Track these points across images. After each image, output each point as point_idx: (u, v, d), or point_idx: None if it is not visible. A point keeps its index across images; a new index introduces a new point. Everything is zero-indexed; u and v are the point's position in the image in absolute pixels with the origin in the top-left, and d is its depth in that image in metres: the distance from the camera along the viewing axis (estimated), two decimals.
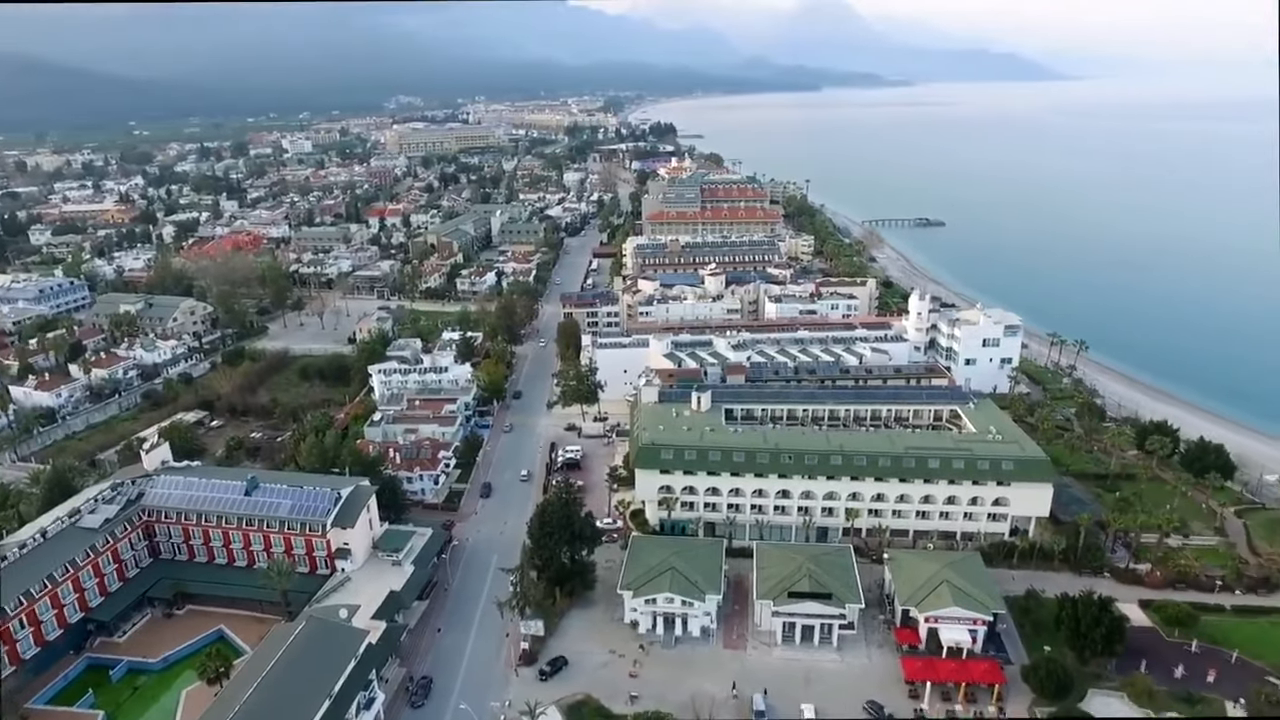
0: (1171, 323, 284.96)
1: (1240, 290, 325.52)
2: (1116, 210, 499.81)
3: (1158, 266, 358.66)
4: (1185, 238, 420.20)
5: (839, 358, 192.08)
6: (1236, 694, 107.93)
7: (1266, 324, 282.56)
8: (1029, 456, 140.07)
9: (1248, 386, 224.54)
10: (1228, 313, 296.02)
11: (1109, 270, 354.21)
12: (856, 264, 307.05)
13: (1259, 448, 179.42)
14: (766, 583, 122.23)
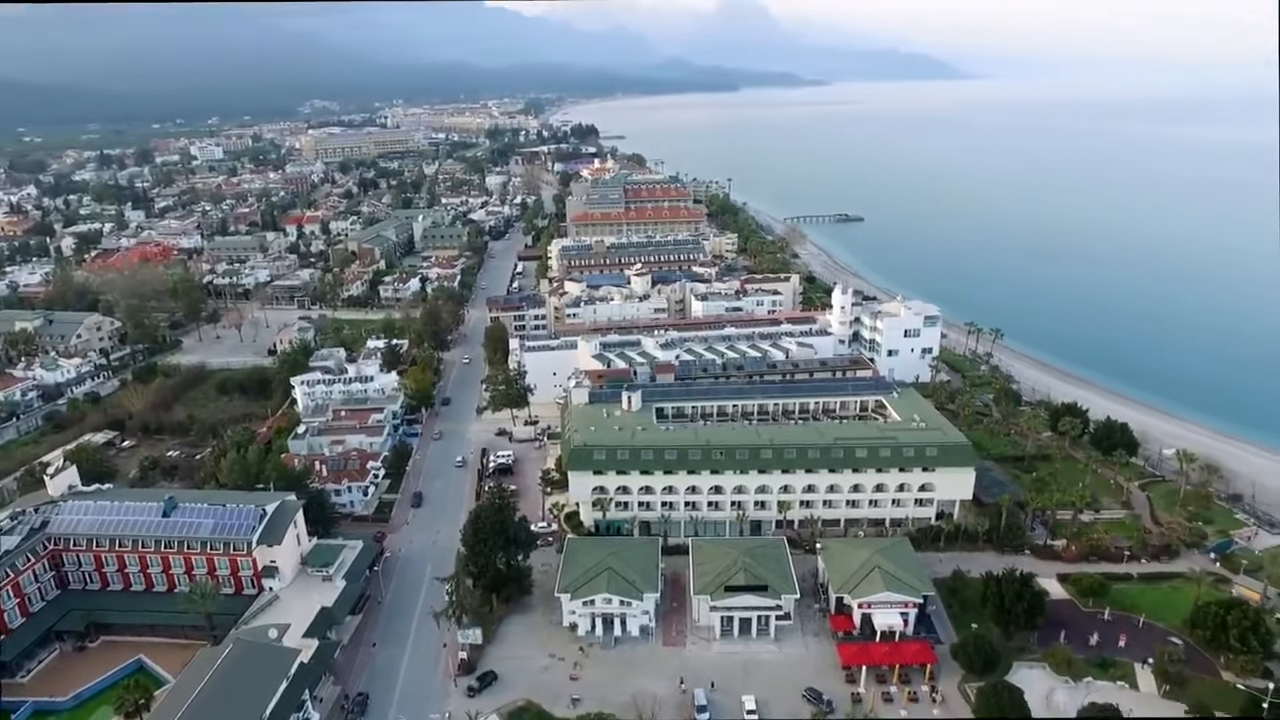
0: (1078, 310, 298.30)
1: (1139, 277, 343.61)
2: (1024, 203, 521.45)
3: (1065, 257, 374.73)
4: (1088, 229, 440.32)
5: (766, 353, 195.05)
6: (1144, 656, 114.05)
7: (1163, 308, 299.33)
8: (951, 442, 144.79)
9: (1148, 367, 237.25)
10: (1129, 299, 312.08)
11: (1019, 260, 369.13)
12: (780, 261, 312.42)
13: (1159, 424, 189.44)
14: (703, 578, 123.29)
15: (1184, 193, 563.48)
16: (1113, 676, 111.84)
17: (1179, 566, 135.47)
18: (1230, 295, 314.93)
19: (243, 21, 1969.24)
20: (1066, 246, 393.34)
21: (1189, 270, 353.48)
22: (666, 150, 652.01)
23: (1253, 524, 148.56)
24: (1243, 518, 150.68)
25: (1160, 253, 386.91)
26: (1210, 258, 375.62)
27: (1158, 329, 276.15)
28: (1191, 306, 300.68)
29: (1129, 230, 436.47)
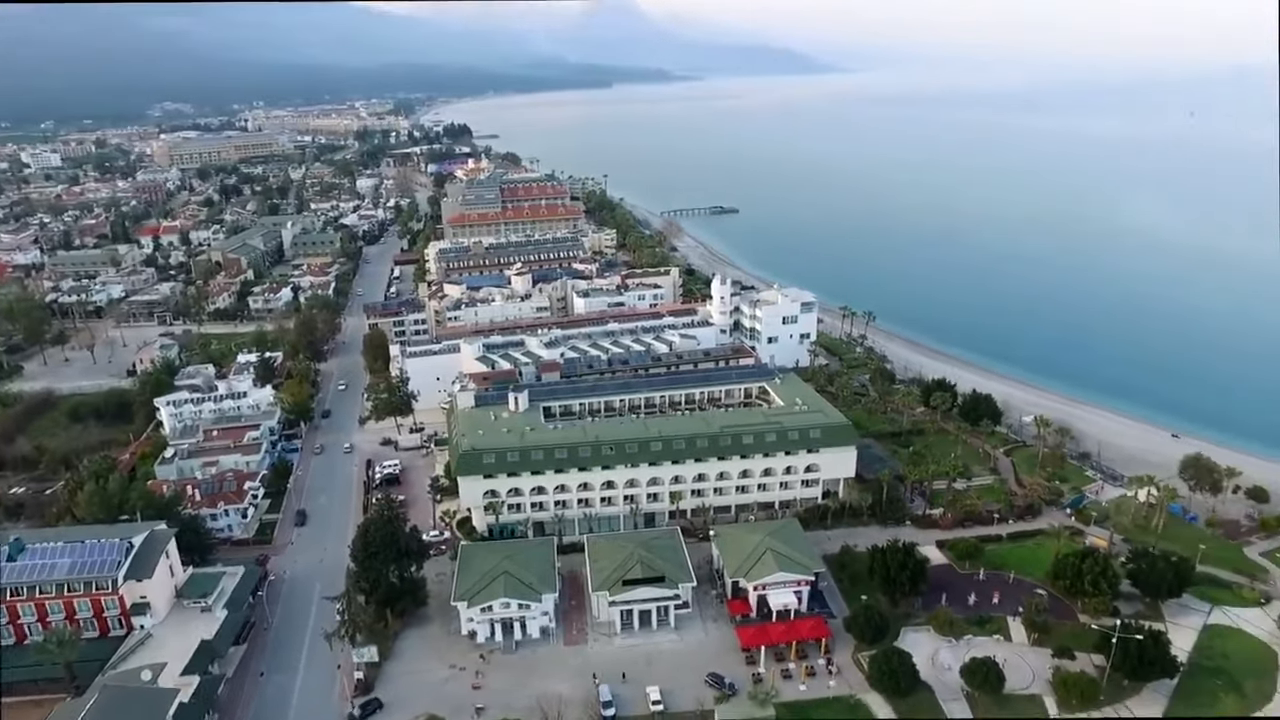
0: (942, 290, 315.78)
1: (992, 257, 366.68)
2: (887, 190, 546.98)
3: (927, 240, 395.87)
4: (947, 213, 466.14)
5: (650, 346, 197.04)
6: (1015, 609, 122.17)
7: (1014, 285, 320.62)
8: (833, 423, 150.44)
9: (1006, 341, 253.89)
10: (985, 278, 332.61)
11: (886, 245, 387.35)
12: (659, 254, 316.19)
13: (1018, 394, 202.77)
14: (600, 574, 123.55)
15: (1029, 176, 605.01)
16: (989, 631, 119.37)
17: (1041, 524, 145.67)
18: (1069, 270, 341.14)
19: (77, 16, 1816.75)
20: (928, 230, 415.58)
21: (1034, 248, 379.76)
22: (542, 148, 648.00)
23: (1099, 479, 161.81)
24: (1091, 474, 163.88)
25: (1009, 232, 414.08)
26: (1052, 235, 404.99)
27: (1011, 305, 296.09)
28: (1036, 282, 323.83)
29: (983, 212, 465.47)
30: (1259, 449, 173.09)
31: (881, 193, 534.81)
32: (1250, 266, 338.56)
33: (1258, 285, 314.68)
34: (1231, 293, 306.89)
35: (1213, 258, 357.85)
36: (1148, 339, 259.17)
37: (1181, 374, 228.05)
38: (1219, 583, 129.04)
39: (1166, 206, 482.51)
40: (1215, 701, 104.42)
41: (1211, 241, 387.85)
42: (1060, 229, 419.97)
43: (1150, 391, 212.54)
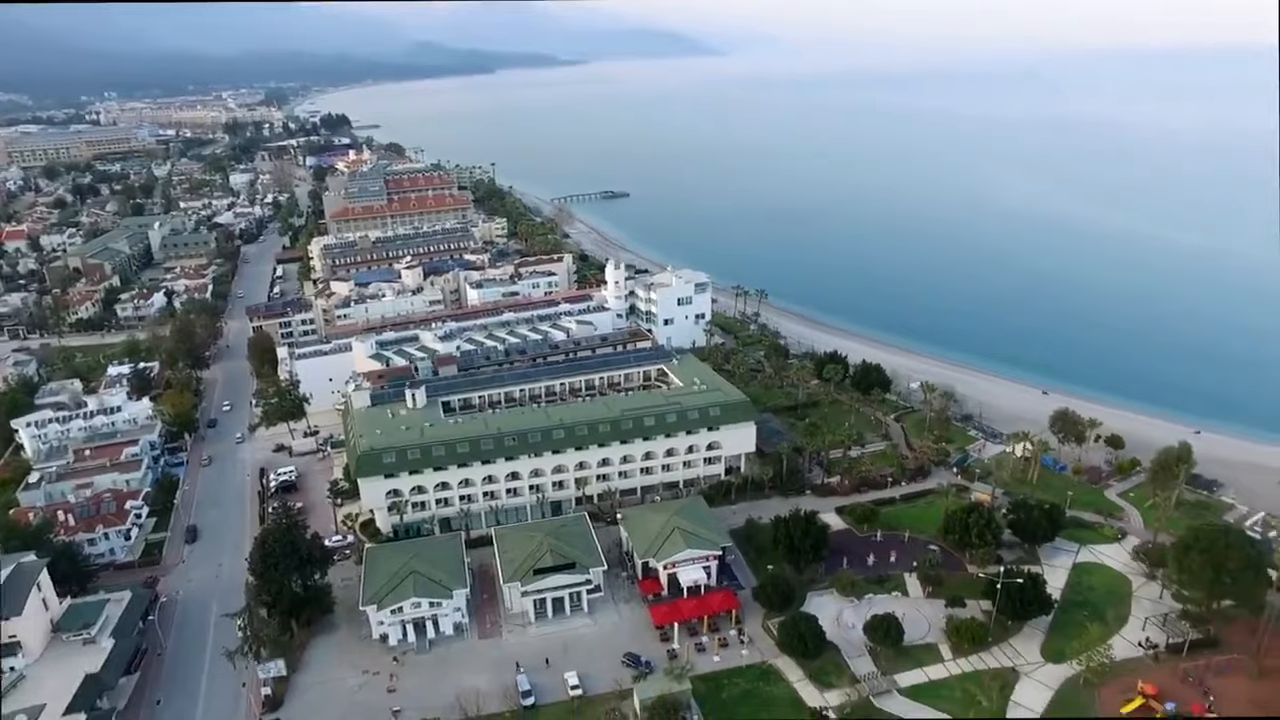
0: (830, 265, 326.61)
1: (870, 230, 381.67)
2: (772, 169, 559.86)
3: (811, 217, 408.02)
4: (829, 190, 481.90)
5: (547, 335, 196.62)
6: (910, 566, 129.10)
7: (898, 259, 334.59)
8: (732, 400, 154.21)
9: (891, 312, 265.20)
10: (869, 253, 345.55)
11: (774, 223, 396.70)
12: (551, 241, 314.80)
13: (905, 362, 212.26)
14: (511, 565, 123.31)
15: (904, 155, 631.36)
16: (888, 589, 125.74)
17: (931, 484, 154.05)
18: (944, 242, 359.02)
19: None
20: (812, 208, 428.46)
21: (911, 222, 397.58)
22: (426, 138, 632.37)
23: (981, 438, 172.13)
24: (974, 434, 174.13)
25: (887, 207, 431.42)
26: (927, 209, 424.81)
27: (894, 277, 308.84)
28: (915, 255, 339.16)
29: (861, 189, 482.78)
30: (1115, 400, 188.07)
31: (767, 172, 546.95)
32: (1099, 235, 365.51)
33: (1107, 251, 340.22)
34: (1083, 257, 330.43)
35: (1068, 226, 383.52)
36: (1017, 304, 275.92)
37: (1047, 335, 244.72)
38: (1085, 524, 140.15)
39: (1029, 180, 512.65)
40: (1083, 631, 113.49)
41: (1066, 210, 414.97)
42: (934, 203, 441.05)
43: (1022, 353, 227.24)
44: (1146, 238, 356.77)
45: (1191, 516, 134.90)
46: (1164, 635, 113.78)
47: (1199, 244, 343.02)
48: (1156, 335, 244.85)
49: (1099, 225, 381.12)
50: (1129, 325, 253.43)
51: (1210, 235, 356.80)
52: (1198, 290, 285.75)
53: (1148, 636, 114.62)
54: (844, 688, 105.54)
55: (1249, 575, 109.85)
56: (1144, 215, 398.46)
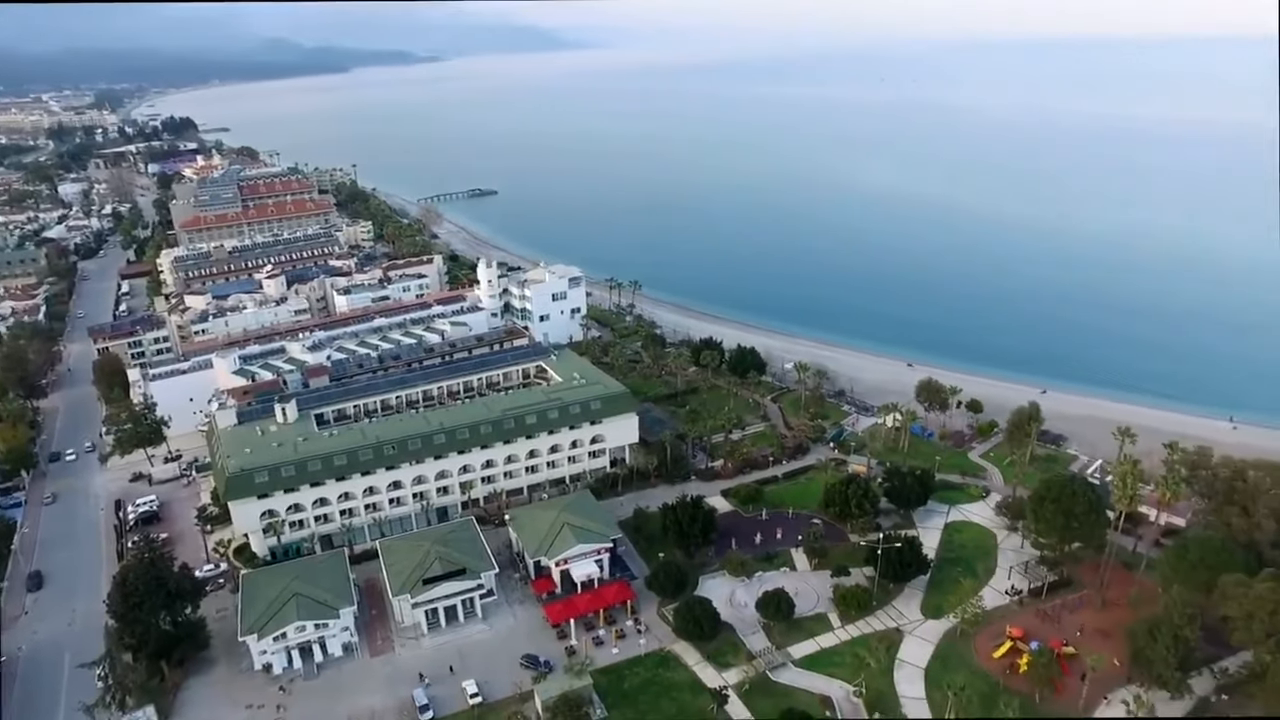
0: (699, 253, 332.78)
1: (743, 218, 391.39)
2: (638, 161, 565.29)
3: (677, 206, 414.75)
4: (693, 179, 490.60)
5: (421, 338, 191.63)
6: (796, 541, 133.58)
7: (764, 242, 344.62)
8: (612, 393, 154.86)
9: (762, 295, 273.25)
10: (736, 238, 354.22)
11: (643, 214, 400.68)
12: (420, 243, 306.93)
13: (778, 344, 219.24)
14: (399, 577, 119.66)
15: (763, 140, 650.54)
16: (776, 565, 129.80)
17: (810, 460, 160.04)
18: (806, 224, 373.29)
19: None
20: (680, 196, 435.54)
21: (774, 206, 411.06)
22: (281, 140, 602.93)
23: (854, 412, 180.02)
24: (847, 409, 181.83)
25: (749, 192, 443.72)
26: (785, 193, 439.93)
27: (762, 261, 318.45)
28: (780, 237, 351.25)
29: (724, 176, 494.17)
30: (972, 368, 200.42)
31: (632, 164, 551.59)
32: (948, 213, 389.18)
33: (956, 228, 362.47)
34: (934, 234, 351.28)
35: (920, 206, 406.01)
36: (876, 282, 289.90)
37: (907, 310, 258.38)
38: (953, 486, 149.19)
39: (885, 163, 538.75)
40: (957, 586, 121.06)
41: (917, 191, 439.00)
42: (795, 188, 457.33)
43: (886, 328, 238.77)
44: (992, 215, 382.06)
45: (1043, 470, 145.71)
46: (1026, 581, 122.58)
47: (1038, 216, 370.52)
48: (1003, 304, 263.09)
49: (948, 204, 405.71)
50: (979, 296, 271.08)
51: (1046, 208, 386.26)
52: (1035, 261, 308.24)
53: (1013, 584, 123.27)
54: (741, 665, 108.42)
55: (1092, 518, 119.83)
56: (987, 193, 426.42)
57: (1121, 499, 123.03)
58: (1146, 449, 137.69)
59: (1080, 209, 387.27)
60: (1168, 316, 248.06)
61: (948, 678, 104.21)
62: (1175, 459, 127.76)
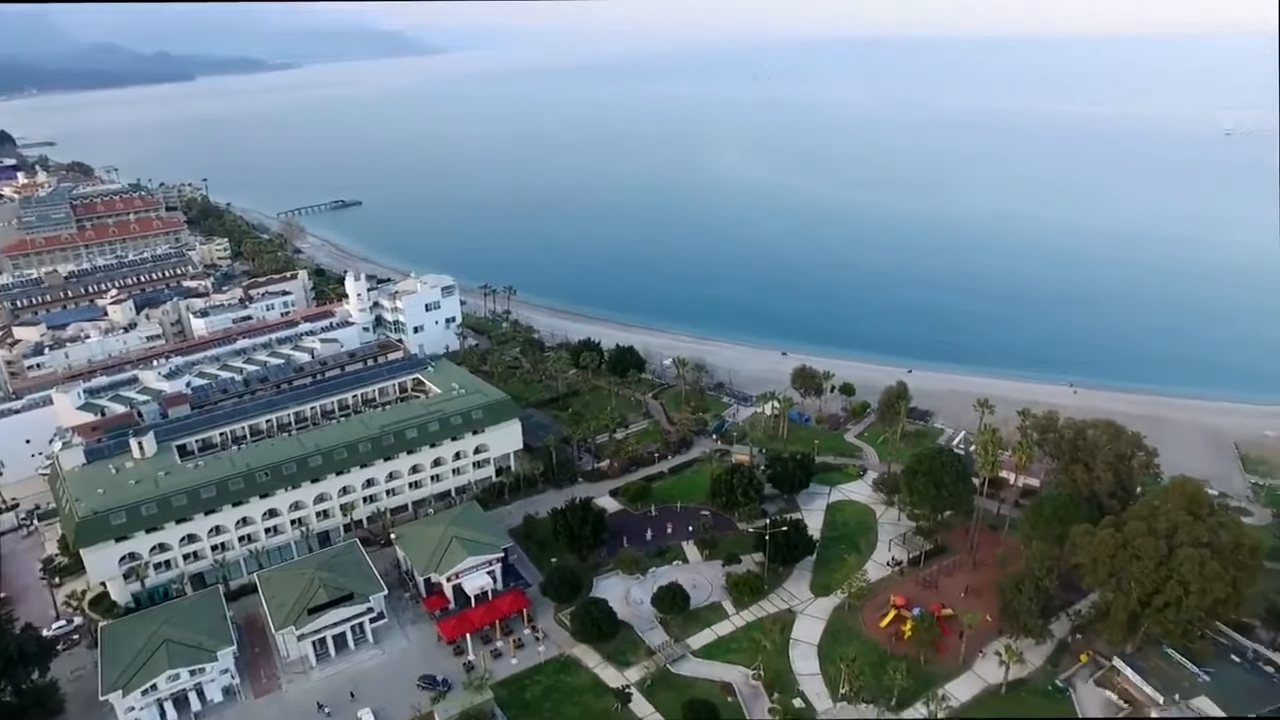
0: (571, 254, 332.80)
1: (612, 219, 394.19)
2: (504, 165, 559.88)
3: (548, 209, 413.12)
4: (563, 182, 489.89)
5: (289, 358, 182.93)
6: (686, 534, 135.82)
7: (634, 242, 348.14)
8: (493, 401, 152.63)
9: (636, 294, 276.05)
10: (607, 238, 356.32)
11: (513, 218, 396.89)
12: (282, 259, 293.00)
13: (656, 340, 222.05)
14: (281, 610, 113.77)
15: (625, 140, 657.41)
16: (669, 560, 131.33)
17: (695, 453, 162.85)
18: (675, 222, 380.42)
19: None
20: (545, 200, 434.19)
21: (641, 206, 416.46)
22: (119, 155, 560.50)
23: (734, 403, 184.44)
24: (727, 400, 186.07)
25: (617, 193, 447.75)
26: (653, 192, 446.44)
27: (633, 260, 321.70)
28: (649, 237, 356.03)
29: (590, 176, 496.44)
30: (843, 352, 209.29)
31: (497, 169, 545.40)
32: (809, 203, 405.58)
33: (819, 216, 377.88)
34: (797, 223, 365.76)
35: (781, 196, 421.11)
36: (746, 272, 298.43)
37: (777, 299, 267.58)
38: (832, 467, 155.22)
39: (746, 156, 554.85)
40: (842, 563, 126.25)
41: (779, 181, 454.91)
42: (657, 185, 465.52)
43: (760, 319, 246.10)
44: (849, 205, 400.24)
45: (913, 445, 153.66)
46: (905, 551, 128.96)
47: (896, 206, 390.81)
48: (867, 290, 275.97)
49: (808, 194, 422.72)
50: (845, 283, 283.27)
51: (899, 196, 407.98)
52: (893, 248, 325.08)
53: (893, 555, 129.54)
54: (642, 662, 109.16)
55: (960, 487, 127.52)
56: (844, 184, 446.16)
57: (984, 466, 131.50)
58: (1003, 418, 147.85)
59: (931, 196, 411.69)
60: (1013, 296, 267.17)
61: (839, 651, 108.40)
62: (1027, 425, 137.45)
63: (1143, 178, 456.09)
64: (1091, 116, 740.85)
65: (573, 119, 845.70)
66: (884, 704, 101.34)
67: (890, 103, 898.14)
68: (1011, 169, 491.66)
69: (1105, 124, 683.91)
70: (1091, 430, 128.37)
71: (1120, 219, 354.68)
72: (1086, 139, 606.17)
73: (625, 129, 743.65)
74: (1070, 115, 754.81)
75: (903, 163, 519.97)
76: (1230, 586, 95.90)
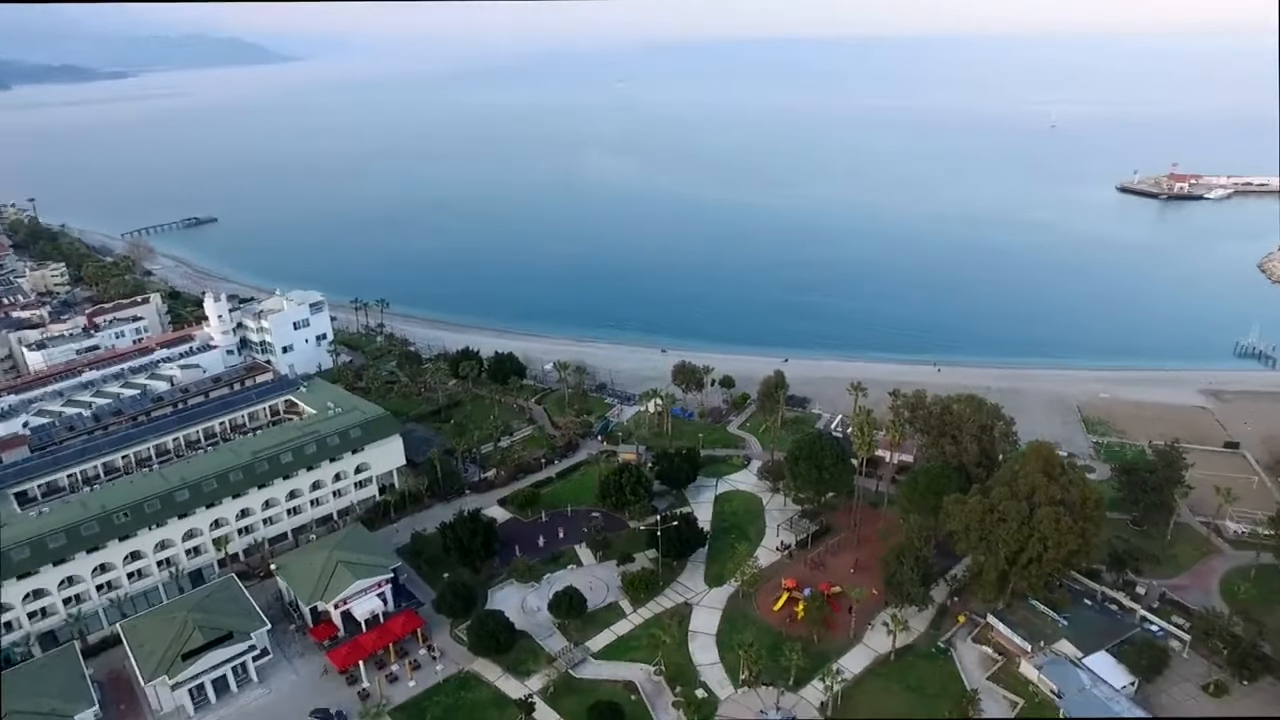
0: (443, 263, 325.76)
1: (476, 224, 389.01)
2: (367, 174, 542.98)
3: (415, 219, 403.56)
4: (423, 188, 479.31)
5: (146, 388, 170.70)
6: (579, 537, 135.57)
7: (502, 246, 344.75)
8: (372, 418, 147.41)
9: (511, 300, 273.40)
10: (478, 247, 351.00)
11: (380, 229, 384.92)
12: (131, 282, 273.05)
13: (535, 345, 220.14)
14: (151, 659, 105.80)
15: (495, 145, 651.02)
16: (563, 564, 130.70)
17: (581, 456, 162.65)
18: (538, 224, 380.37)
19: None
20: (410, 210, 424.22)
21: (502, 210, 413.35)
22: None
23: (617, 403, 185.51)
24: (610, 400, 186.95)
25: (485, 200, 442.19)
26: (510, 196, 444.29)
27: (504, 265, 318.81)
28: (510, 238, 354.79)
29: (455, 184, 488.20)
30: (720, 347, 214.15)
31: (359, 179, 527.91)
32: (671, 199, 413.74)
33: (683, 215, 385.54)
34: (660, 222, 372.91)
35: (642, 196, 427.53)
36: (620, 271, 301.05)
37: (652, 295, 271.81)
38: (718, 459, 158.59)
39: (605, 156, 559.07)
40: (734, 552, 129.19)
41: (639, 181, 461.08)
42: (524, 190, 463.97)
43: (636, 317, 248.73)
44: (713, 200, 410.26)
45: (794, 431, 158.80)
46: (793, 535, 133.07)
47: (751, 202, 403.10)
48: (740, 284, 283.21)
49: (671, 193, 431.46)
50: (716, 278, 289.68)
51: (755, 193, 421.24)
52: (760, 241, 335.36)
53: (782, 540, 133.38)
54: (543, 670, 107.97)
55: (840, 468, 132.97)
56: (702, 182, 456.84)
57: (861, 446, 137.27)
58: (876, 399, 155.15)
59: (789, 191, 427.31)
60: (877, 282, 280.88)
61: (737, 638, 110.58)
62: (898, 404, 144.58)
63: (978, 167, 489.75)
64: (934, 109, 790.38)
65: (436, 126, 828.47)
66: (783, 684, 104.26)
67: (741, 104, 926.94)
68: (862, 162, 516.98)
69: (949, 116, 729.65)
70: (956, 405, 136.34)
71: (959, 205, 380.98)
72: (928, 131, 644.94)
73: (489, 134, 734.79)
74: (920, 109, 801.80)
75: (763, 159, 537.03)
76: (1081, 538, 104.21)
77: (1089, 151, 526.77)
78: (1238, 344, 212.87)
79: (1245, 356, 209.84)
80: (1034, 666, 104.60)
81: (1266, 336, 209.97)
